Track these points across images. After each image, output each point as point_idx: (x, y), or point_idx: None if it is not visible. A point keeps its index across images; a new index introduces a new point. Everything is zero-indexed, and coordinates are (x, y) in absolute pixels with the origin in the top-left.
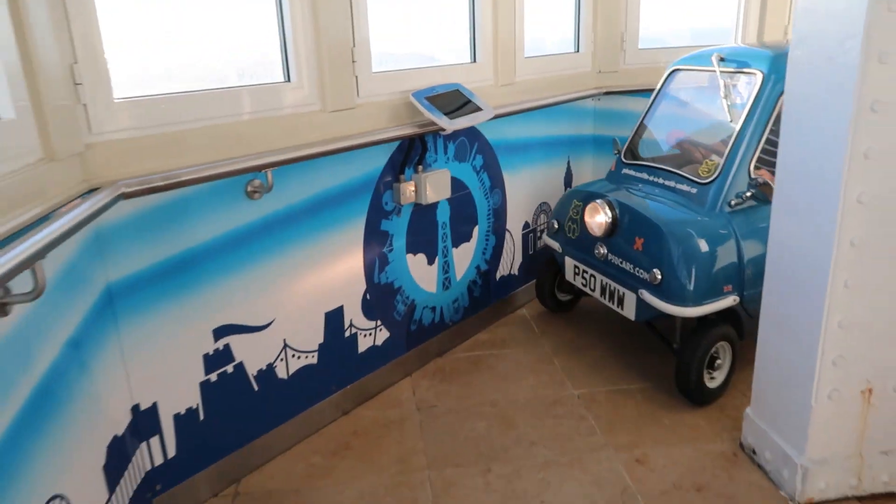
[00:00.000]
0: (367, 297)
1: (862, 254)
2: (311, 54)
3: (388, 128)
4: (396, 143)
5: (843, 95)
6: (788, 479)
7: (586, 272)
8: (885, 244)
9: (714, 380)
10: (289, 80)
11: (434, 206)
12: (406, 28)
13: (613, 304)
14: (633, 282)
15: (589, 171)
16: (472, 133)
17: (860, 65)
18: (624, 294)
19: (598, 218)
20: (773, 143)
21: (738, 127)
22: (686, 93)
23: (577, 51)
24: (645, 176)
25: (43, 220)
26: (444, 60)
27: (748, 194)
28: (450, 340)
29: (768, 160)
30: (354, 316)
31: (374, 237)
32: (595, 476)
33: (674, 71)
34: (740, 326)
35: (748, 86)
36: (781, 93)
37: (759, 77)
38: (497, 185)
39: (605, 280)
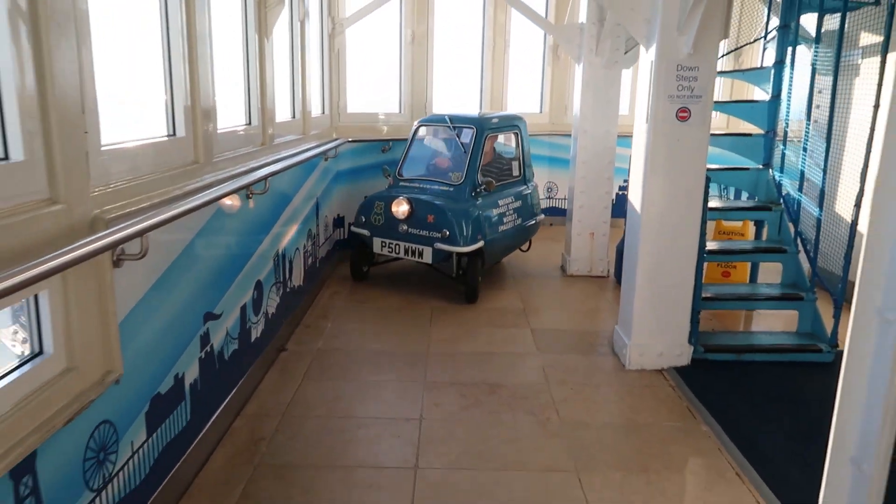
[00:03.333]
0: None
1: (582, 179)
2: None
3: None
4: None
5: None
6: (565, 266)
7: (392, 244)
8: (590, 175)
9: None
10: (400, 113)
11: None
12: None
13: (415, 258)
14: (429, 240)
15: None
16: None
17: (577, 130)
18: (423, 249)
19: (402, 208)
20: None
21: (469, 156)
22: (431, 138)
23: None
24: (416, 185)
25: (328, 142)
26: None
27: (481, 188)
28: None
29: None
30: None
31: None
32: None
33: (419, 126)
34: (483, 258)
35: (469, 134)
36: (485, 137)
37: (474, 130)
38: None
39: (408, 244)
